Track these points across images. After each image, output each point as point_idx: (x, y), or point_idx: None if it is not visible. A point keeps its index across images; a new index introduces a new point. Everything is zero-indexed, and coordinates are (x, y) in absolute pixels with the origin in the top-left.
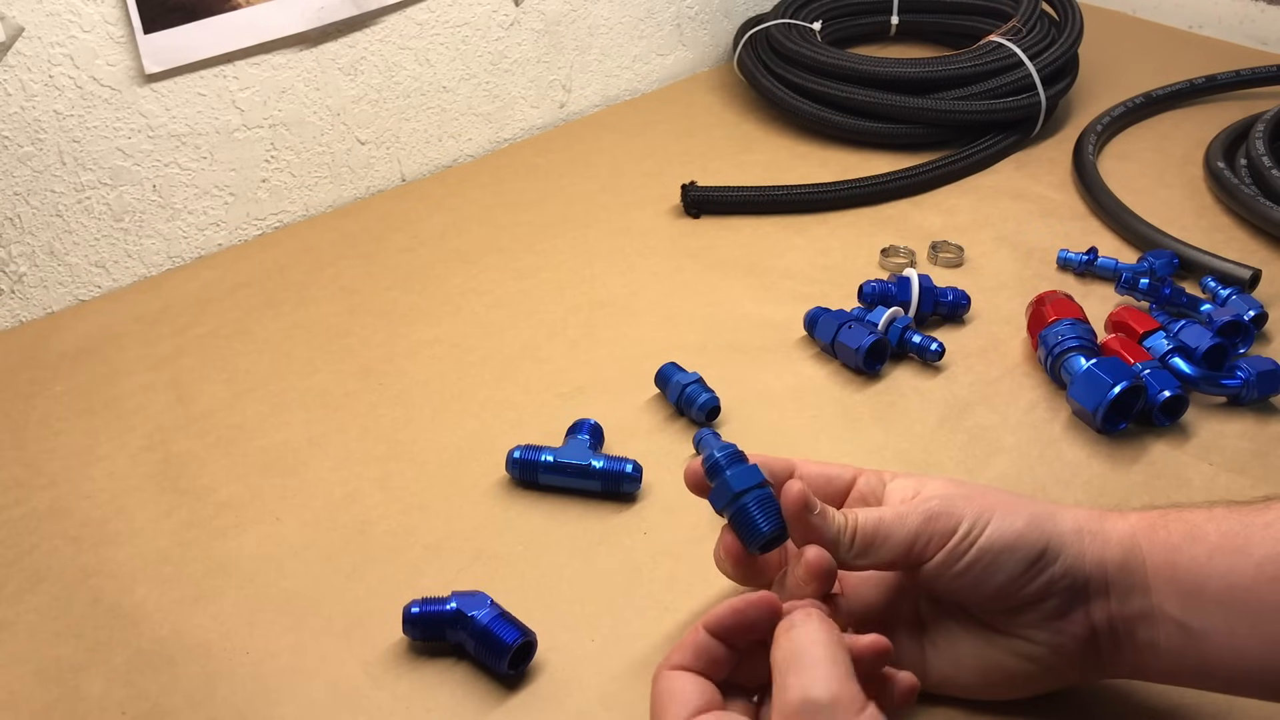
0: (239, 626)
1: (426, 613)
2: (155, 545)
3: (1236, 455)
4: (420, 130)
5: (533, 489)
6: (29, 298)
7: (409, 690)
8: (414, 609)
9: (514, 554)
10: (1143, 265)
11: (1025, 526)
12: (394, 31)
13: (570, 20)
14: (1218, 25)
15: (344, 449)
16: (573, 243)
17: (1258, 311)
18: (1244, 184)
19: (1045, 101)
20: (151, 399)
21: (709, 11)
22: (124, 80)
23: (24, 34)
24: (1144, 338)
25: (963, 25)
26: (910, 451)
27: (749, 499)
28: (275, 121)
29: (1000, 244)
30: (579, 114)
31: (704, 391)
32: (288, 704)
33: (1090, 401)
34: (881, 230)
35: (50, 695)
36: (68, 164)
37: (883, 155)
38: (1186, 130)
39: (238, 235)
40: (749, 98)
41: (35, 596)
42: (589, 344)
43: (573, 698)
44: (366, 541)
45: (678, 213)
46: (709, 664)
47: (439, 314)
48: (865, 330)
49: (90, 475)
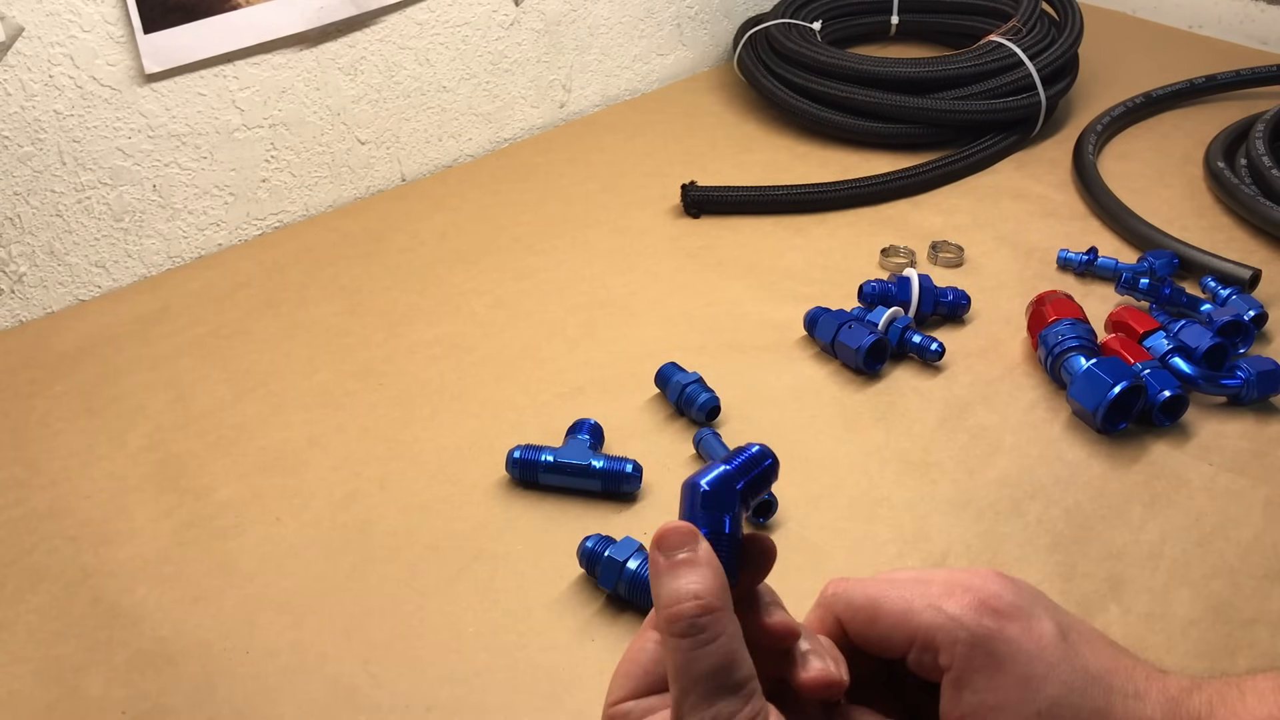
0: (239, 626)
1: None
2: (155, 545)
3: (1236, 455)
4: (420, 130)
5: (533, 489)
6: (29, 298)
7: (409, 688)
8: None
9: (514, 554)
10: (1143, 265)
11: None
12: (394, 31)
13: (570, 20)
14: (1218, 25)
15: (344, 449)
16: (573, 243)
17: (1258, 311)
18: (1244, 184)
19: (1045, 101)
20: (151, 399)
21: (709, 11)
22: (124, 80)
23: (24, 34)
24: (1144, 338)
25: (963, 25)
26: (910, 451)
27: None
28: (275, 121)
29: (1000, 244)
30: (579, 114)
31: (704, 391)
32: (288, 703)
33: (1090, 401)
34: (881, 230)
35: (50, 695)
36: (68, 164)
37: (883, 155)
38: (1186, 130)
39: (238, 235)
40: (749, 98)
41: (35, 596)
42: (589, 344)
43: (573, 698)
44: (366, 541)
45: (678, 213)
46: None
47: (439, 314)
48: (865, 330)
49: (90, 475)
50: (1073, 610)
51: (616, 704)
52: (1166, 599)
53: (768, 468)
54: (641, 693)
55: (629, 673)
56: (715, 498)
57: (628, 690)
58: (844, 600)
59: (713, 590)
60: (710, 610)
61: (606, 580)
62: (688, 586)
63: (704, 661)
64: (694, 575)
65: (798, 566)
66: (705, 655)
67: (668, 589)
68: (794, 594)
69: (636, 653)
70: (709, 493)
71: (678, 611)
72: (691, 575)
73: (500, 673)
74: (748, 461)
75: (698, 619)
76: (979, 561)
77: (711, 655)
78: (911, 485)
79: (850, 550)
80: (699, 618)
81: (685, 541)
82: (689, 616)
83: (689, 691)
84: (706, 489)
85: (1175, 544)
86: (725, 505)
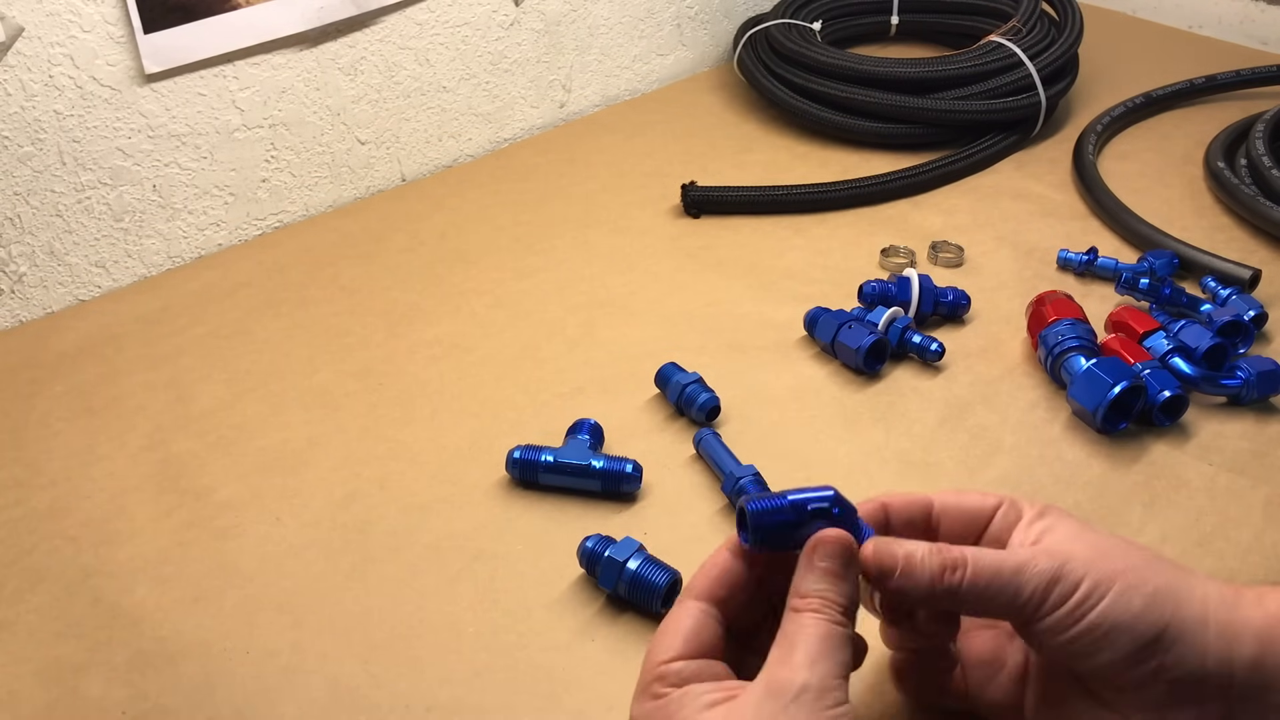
0: (239, 626)
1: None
2: (155, 545)
3: (1236, 455)
4: (420, 130)
5: (533, 489)
6: (29, 298)
7: (409, 688)
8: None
9: (514, 554)
10: (1143, 265)
11: (1144, 606)
12: (394, 31)
13: (570, 20)
14: (1218, 25)
15: (344, 449)
16: (573, 243)
17: (1258, 311)
18: (1244, 184)
19: (1045, 101)
20: (151, 399)
21: (709, 11)
22: (124, 80)
23: (24, 34)
24: (1144, 338)
25: (963, 25)
26: (910, 451)
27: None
28: (275, 121)
29: (1000, 244)
30: (579, 114)
31: (704, 391)
32: (288, 703)
33: (1090, 401)
34: (881, 230)
35: (50, 695)
36: (68, 164)
37: (883, 155)
38: (1186, 130)
39: (238, 235)
40: (749, 98)
41: (35, 596)
42: (589, 344)
43: (574, 698)
44: (366, 541)
45: (678, 213)
46: (731, 589)
47: (439, 314)
48: (865, 330)
49: (90, 475)
50: None
51: (667, 662)
52: None
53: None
54: (690, 655)
55: (678, 631)
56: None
57: (677, 650)
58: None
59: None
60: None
61: (606, 580)
62: (855, 595)
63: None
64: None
65: None
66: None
67: (841, 587)
68: None
69: (682, 616)
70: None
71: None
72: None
73: (500, 673)
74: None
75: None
76: None
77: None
78: (911, 485)
79: None
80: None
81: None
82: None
83: (822, 659)
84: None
85: (1175, 544)
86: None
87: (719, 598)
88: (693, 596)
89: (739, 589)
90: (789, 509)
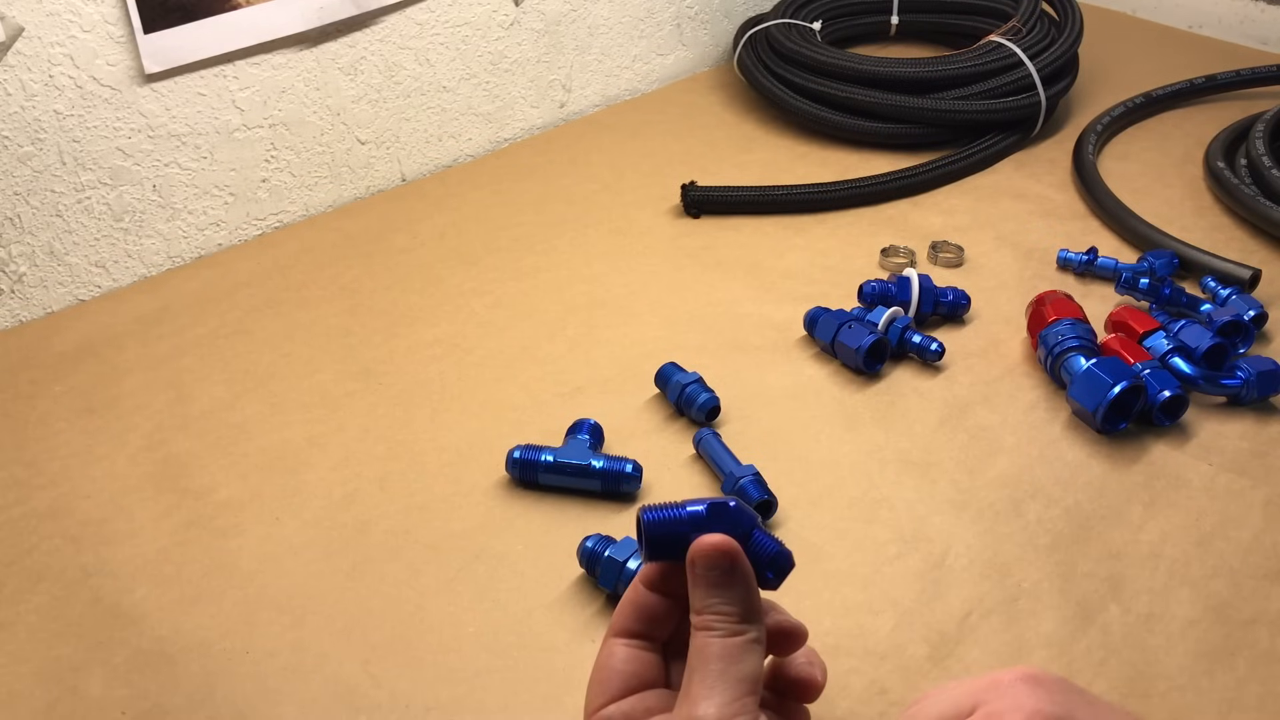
0: (239, 626)
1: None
2: (155, 545)
3: (1236, 455)
4: (420, 130)
5: (533, 489)
6: (29, 298)
7: (409, 688)
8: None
9: (514, 554)
10: (1143, 265)
11: None
12: (394, 31)
13: (570, 20)
14: (1218, 25)
15: (344, 449)
16: (573, 243)
17: (1258, 311)
18: (1244, 184)
19: (1045, 101)
20: (151, 399)
21: (709, 11)
22: (124, 80)
23: (24, 34)
24: (1144, 338)
25: (963, 25)
26: (910, 451)
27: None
28: (275, 121)
29: (1000, 244)
30: (579, 114)
31: (704, 391)
32: (288, 703)
33: (1090, 401)
34: (881, 230)
35: (50, 695)
36: (68, 164)
37: (883, 155)
38: (1186, 130)
39: (238, 235)
40: (749, 98)
41: (35, 596)
42: (589, 344)
43: (573, 698)
44: (366, 541)
45: (678, 213)
46: (650, 622)
47: (439, 314)
48: (865, 330)
49: (90, 475)
50: (1072, 610)
51: (598, 711)
52: (1166, 599)
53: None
54: (617, 696)
55: (603, 679)
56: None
57: (607, 695)
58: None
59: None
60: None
61: (606, 580)
62: (749, 597)
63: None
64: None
65: (797, 567)
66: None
67: (732, 594)
68: (793, 594)
69: (606, 659)
70: (734, 507)
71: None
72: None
73: (500, 673)
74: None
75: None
76: (979, 561)
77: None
78: (911, 485)
79: (850, 550)
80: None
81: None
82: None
83: (719, 685)
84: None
85: (1175, 544)
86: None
87: (638, 630)
88: (613, 634)
89: (660, 615)
90: (684, 520)
